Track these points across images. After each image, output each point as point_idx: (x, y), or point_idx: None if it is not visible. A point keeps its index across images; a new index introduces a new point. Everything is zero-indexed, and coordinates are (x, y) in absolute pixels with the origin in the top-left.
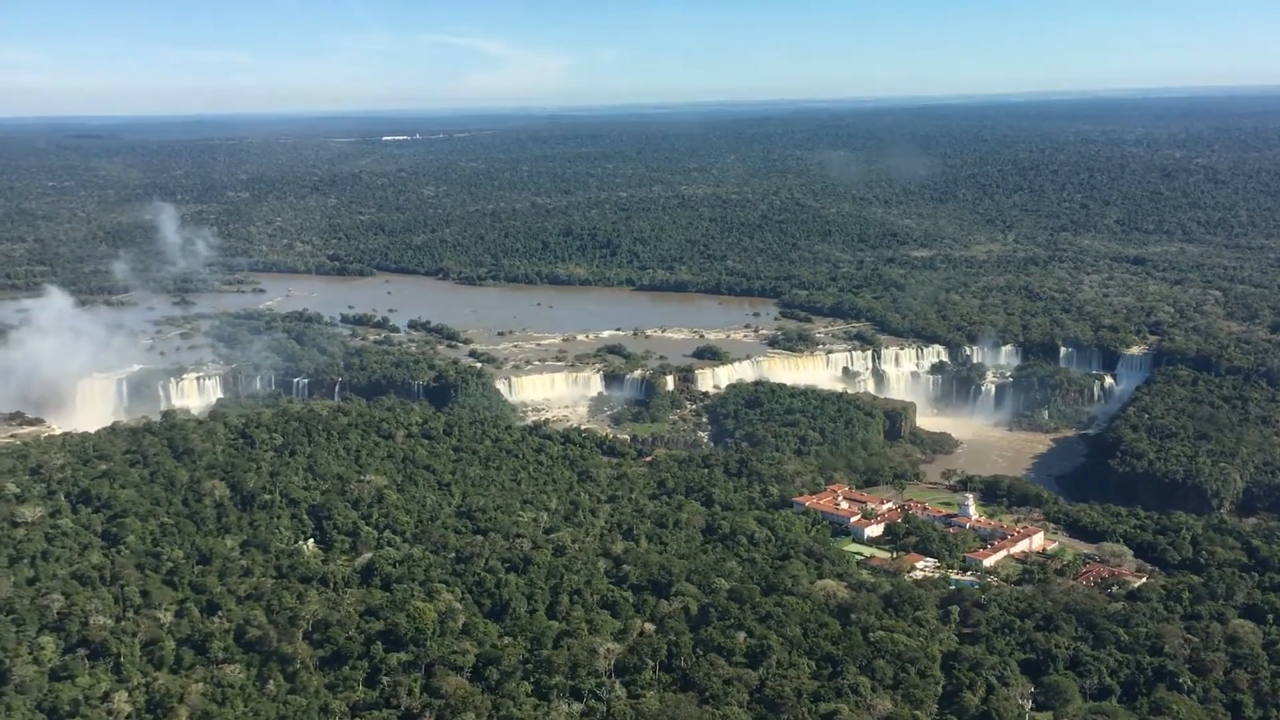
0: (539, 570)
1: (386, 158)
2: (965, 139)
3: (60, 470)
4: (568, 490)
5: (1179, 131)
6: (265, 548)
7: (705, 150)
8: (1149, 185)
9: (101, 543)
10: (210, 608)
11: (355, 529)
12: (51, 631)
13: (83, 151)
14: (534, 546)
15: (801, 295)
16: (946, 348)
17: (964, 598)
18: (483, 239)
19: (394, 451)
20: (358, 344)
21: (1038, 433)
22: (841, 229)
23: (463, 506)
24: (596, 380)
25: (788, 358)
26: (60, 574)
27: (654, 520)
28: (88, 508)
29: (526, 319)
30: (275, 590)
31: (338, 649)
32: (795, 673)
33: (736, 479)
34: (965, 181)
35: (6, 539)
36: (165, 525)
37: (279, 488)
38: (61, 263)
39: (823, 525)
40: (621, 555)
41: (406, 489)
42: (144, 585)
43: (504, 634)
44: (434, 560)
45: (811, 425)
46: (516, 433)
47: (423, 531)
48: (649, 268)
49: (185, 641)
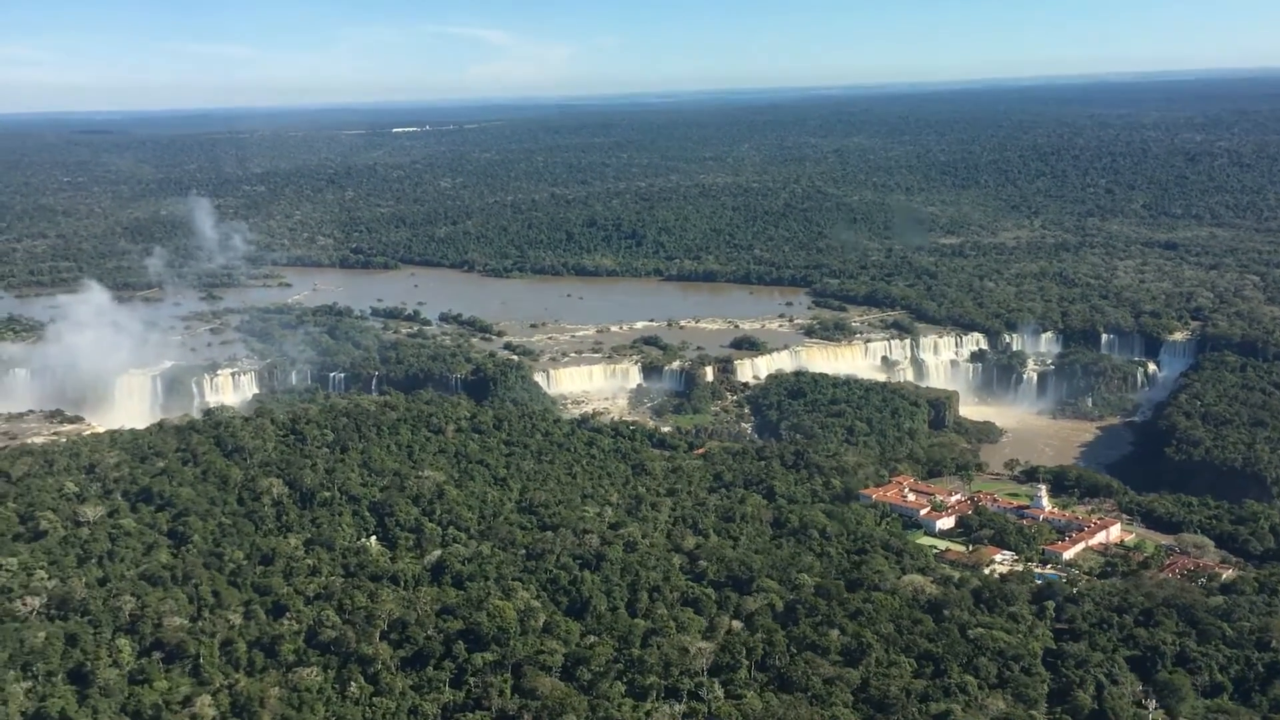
0: (613, 566)
1: (398, 150)
2: (980, 124)
3: (115, 469)
4: (624, 484)
5: (1195, 114)
6: (330, 546)
7: (719, 139)
8: (1174, 169)
9: (167, 542)
10: (277, 609)
11: (418, 526)
12: (126, 633)
13: (93, 147)
14: (604, 542)
15: (833, 284)
16: (985, 335)
17: (1055, 592)
18: (506, 230)
19: (445, 446)
20: (390, 337)
21: (1082, 421)
22: (866, 217)
23: (523, 502)
24: (635, 372)
25: (826, 347)
26: (129, 574)
27: (718, 514)
28: (148, 506)
29: (557, 310)
30: (345, 589)
31: (419, 649)
32: (897, 671)
33: (796, 471)
34: (986, 167)
35: (72, 539)
36: (224, 525)
37: (337, 485)
38: (84, 258)
39: (892, 518)
40: (694, 550)
41: (465, 484)
42: (214, 586)
43: (586, 632)
44: (504, 557)
45: (858, 415)
46: (565, 426)
47: (489, 528)
48: (676, 258)
49: (255, 643)
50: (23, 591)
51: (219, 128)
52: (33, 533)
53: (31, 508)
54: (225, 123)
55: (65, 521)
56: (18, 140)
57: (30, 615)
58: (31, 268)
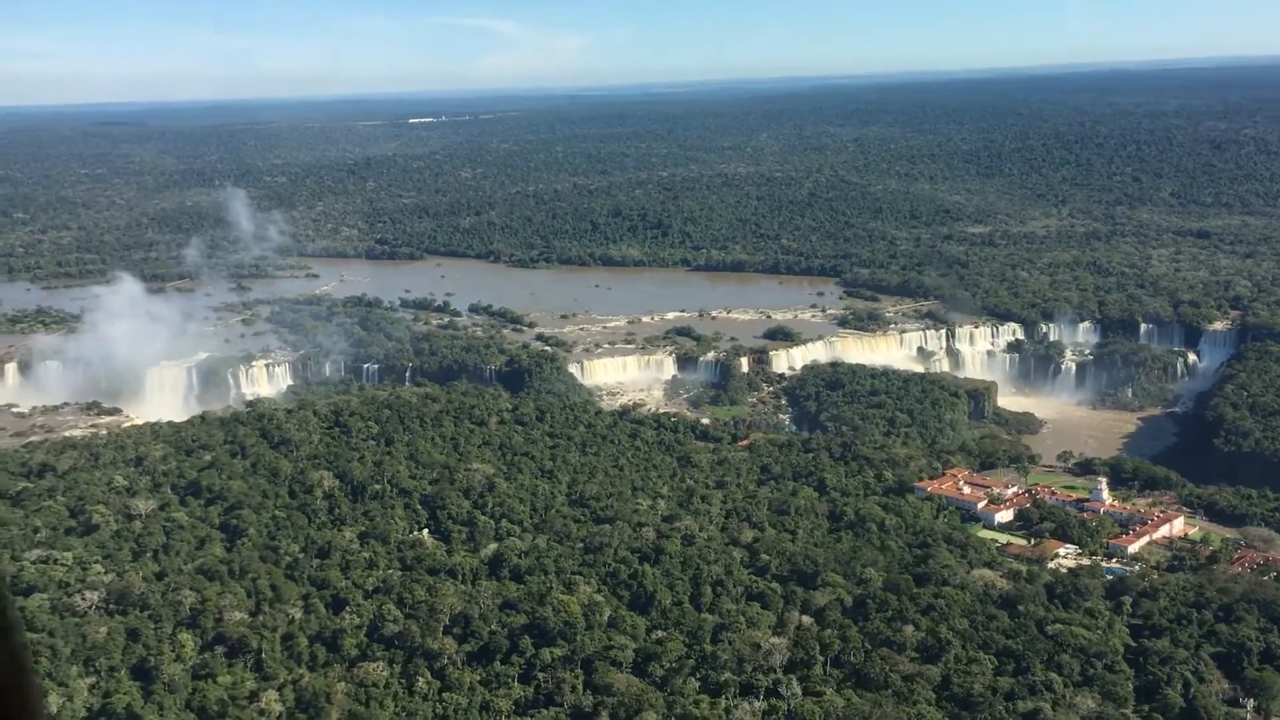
0: (672, 560)
1: (415, 140)
2: (997, 113)
3: (163, 462)
4: (671, 476)
5: (1215, 103)
6: (384, 539)
7: (736, 128)
8: (1200, 157)
9: (220, 536)
10: (337, 602)
11: (471, 519)
12: (187, 628)
13: (111, 138)
14: (660, 536)
15: (864, 274)
16: (1022, 325)
17: (1128, 587)
18: (530, 221)
19: (489, 438)
20: (422, 329)
21: (1123, 411)
22: (892, 206)
23: (573, 494)
24: (669, 363)
25: (861, 338)
26: (186, 568)
27: (770, 507)
28: (197, 500)
29: (587, 301)
30: (404, 583)
31: (484, 644)
32: (978, 668)
33: (845, 464)
34: (1010, 155)
35: (125, 532)
36: (278, 518)
37: (386, 477)
38: (109, 250)
39: (949, 512)
40: (753, 544)
41: (513, 477)
42: (271, 580)
43: (652, 627)
44: (561, 550)
45: (898, 407)
46: (608, 418)
47: (544, 521)
48: (702, 248)
49: (316, 638)
50: (80, 586)
51: (235, 119)
52: (85, 526)
53: (82, 501)
54: (241, 114)
55: (117, 515)
56: (34, 133)
57: (89, 610)
58: (58, 259)
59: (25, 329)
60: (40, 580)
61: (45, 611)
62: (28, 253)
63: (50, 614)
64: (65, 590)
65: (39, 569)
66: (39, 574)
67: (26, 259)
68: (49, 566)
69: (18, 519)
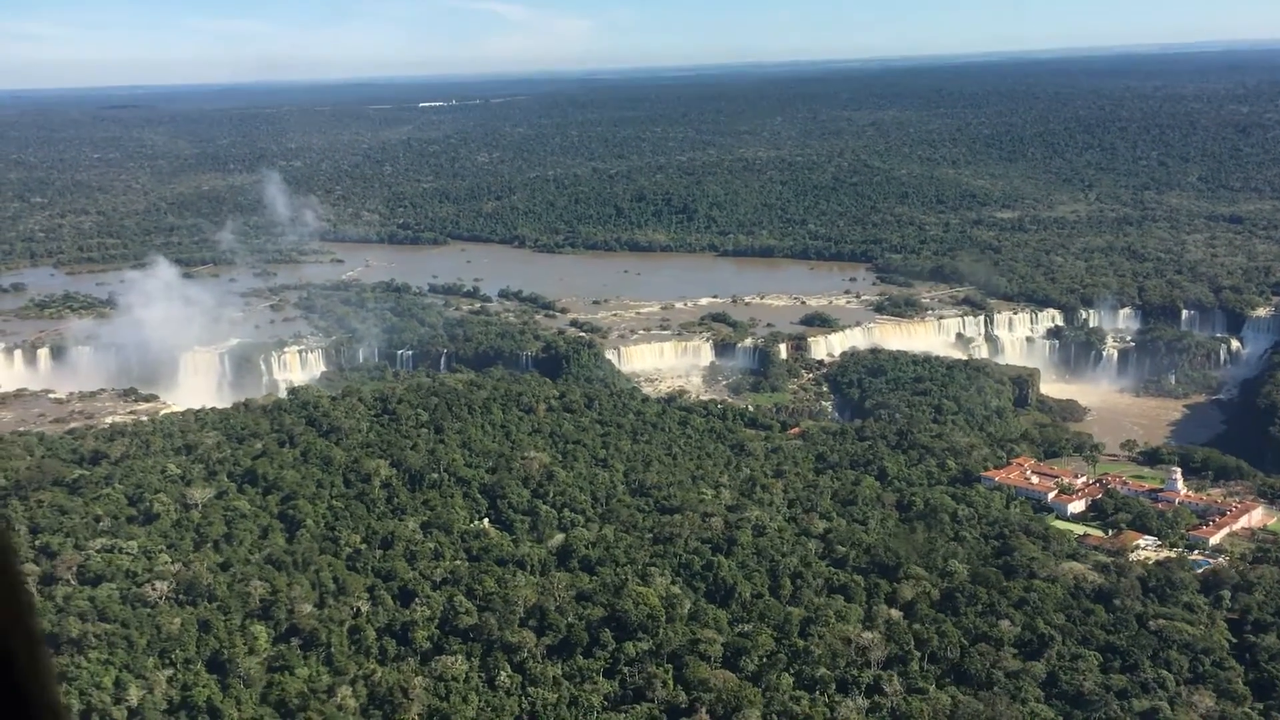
0: (745, 551)
1: (427, 124)
2: (1013, 96)
3: (216, 450)
4: (727, 465)
5: (1233, 86)
6: (447, 529)
7: (751, 112)
8: (1225, 142)
9: (279, 525)
10: (404, 594)
11: (533, 508)
12: (259, 619)
13: (122, 122)
14: (729, 526)
15: (896, 260)
16: (1061, 311)
17: (1222, 580)
18: (553, 205)
19: (539, 426)
20: (454, 315)
21: (1166, 399)
22: (918, 191)
23: (632, 483)
24: (707, 349)
25: (899, 324)
26: (253, 559)
27: (835, 497)
28: (253, 488)
29: (617, 286)
30: (473, 574)
31: (564, 637)
32: (1085, 665)
33: (904, 453)
34: (1031, 140)
35: (186, 521)
36: (335, 508)
37: (442, 466)
38: (129, 235)
39: (1021, 502)
40: (826, 535)
41: (570, 466)
42: (333, 571)
43: (734, 620)
44: (630, 541)
45: (944, 394)
46: (655, 405)
47: (609, 511)
48: (729, 232)
49: (385, 630)
50: (149, 576)
51: (244, 103)
52: (145, 515)
53: (140, 489)
54: (249, 98)
55: (176, 504)
56: (45, 116)
57: (159, 600)
58: (79, 244)
59: (54, 314)
60: (107, 570)
61: (116, 601)
62: (49, 237)
63: (121, 604)
64: (133, 580)
65: (105, 558)
66: (105, 563)
67: (48, 243)
68: (114, 556)
69: (78, 506)
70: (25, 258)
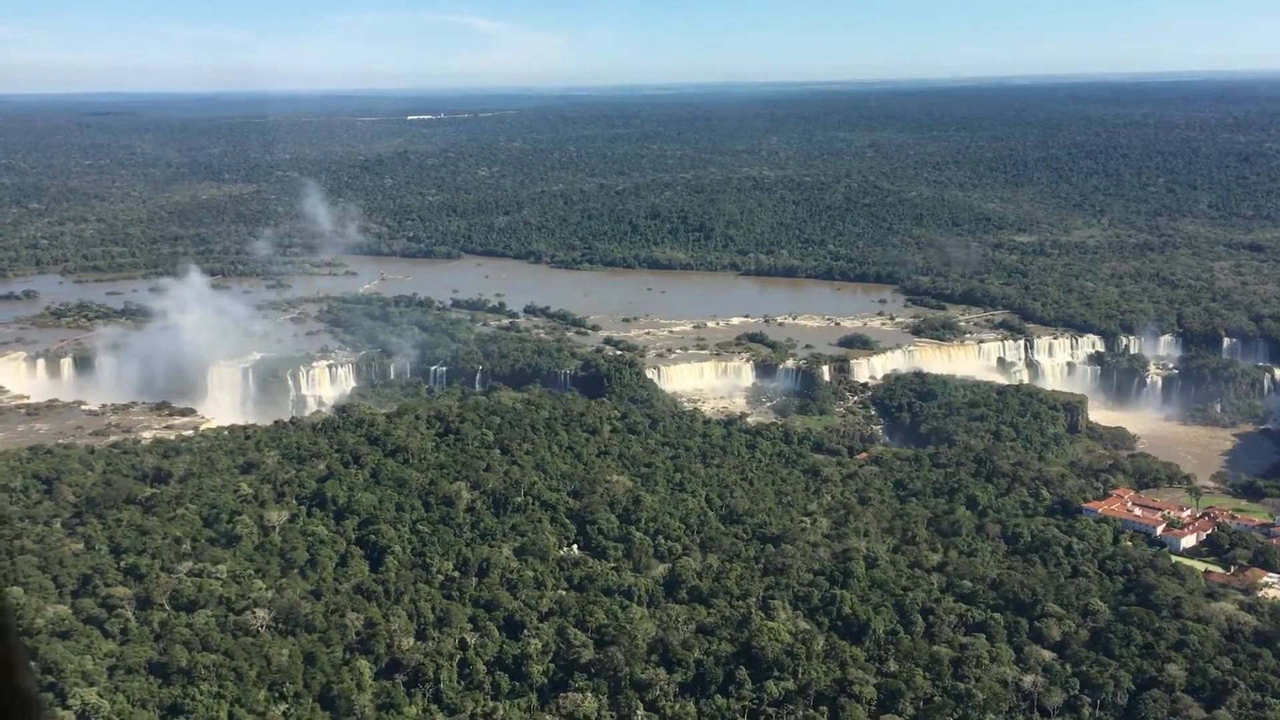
0: (861, 584)
1: (419, 137)
2: (1006, 121)
3: (280, 469)
4: (805, 489)
5: (1221, 115)
6: (543, 556)
7: (745, 131)
8: (1230, 170)
9: (359, 551)
10: (510, 625)
11: (625, 535)
12: (360, 653)
13: (107, 129)
14: (839, 557)
15: (924, 282)
16: (1102, 337)
17: None
18: (566, 221)
19: (606, 447)
20: (484, 331)
21: (1213, 427)
22: (932, 213)
23: (720, 509)
24: (747, 370)
25: (939, 347)
26: (342, 587)
27: (932, 526)
28: (322, 511)
29: (644, 304)
30: (581, 605)
31: (697, 673)
32: (1273, 716)
33: (991, 481)
34: (1035, 164)
35: (268, 545)
36: (421, 533)
37: (524, 489)
38: (134, 244)
39: (1131, 536)
40: (941, 568)
41: (652, 490)
42: (430, 600)
43: (871, 658)
44: (740, 570)
45: (1000, 419)
46: (718, 427)
47: (711, 539)
48: (748, 252)
49: (495, 664)
50: (245, 603)
51: (227, 112)
52: (225, 537)
53: (215, 510)
54: (231, 108)
55: (254, 528)
56: (28, 121)
57: (260, 629)
58: (84, 252)
59: (70, 323)
60: (200, 595)
61: (216, 629)
62: (52, 244)
63: (222, 632)
64: (229, 607)
65: (195, 582)
66: (197, 588)
67: (52, 251)
68: (205, 580)
69: (156, 527)
70: (31, 265)
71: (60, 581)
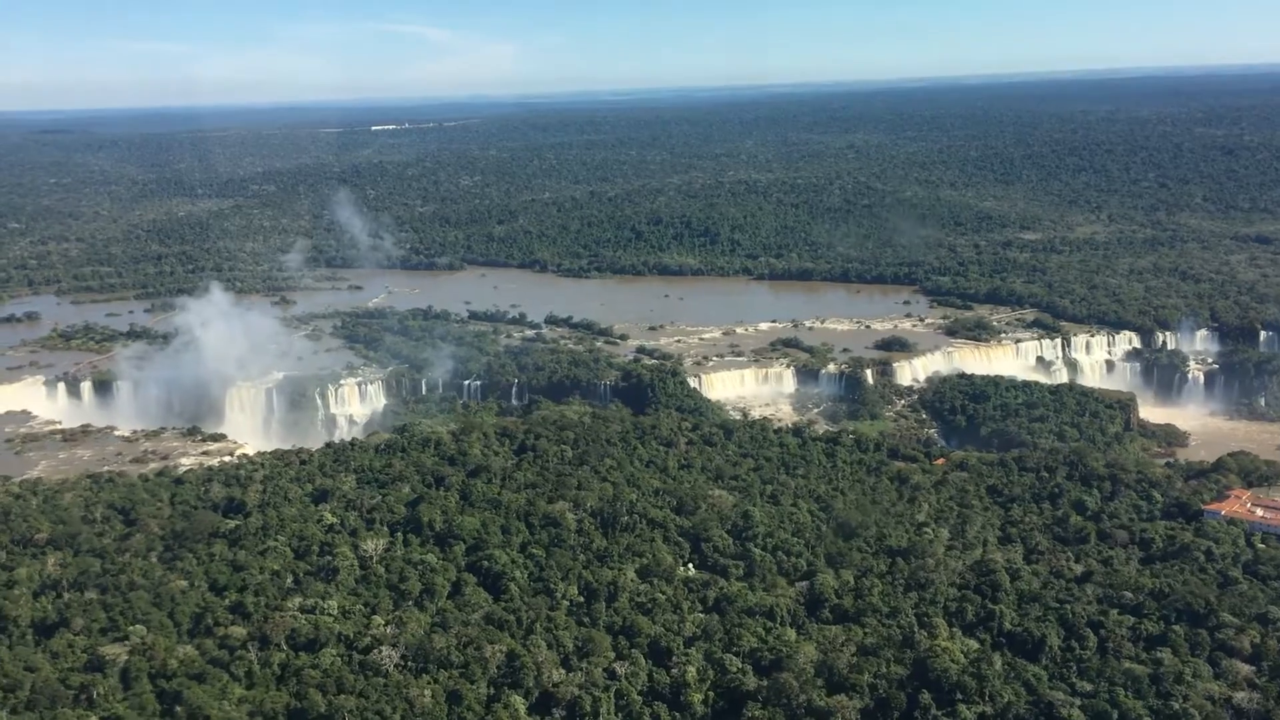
0: (1010, 596)
1: (388, 148)
2: (975, 120)
3: (361, 495)
4: (899, 498)
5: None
6: (668, 577)
7: (718, 136)
8: (1216, 164)
9: (472, 578)
10: (655, 652)
11: (745, 552)
12: (508, 687)
13: (62, 147)
14: (977, 569)
15: (944, 282)
16: (1138, 334)
17: None
18: (566, 229)
19: (688, 460)
20: (510, 343)
21: (1262, 422)
22: (933, 212)
23: (829, 521)
24: (789, 376)
25: (977, 347)
26: (472, 618)
27: (1047, 533)
28: (418, 537)
29: (664, 312)
30: (728, 629)
31: (879, 700)
32: None
33: (1089, 485)
34: (1022, 162)
35: (372, 577)
36: (535, 555)
37: (626, 507)
38: (120, 263)
39: (1263, 537)
40: (1087, 577)
41: (753, 503)
42: (569, 628)
43: (1055, 677)
44: (882, 587)
45: (1061, 420)
46: (791, 436)
47: (839, 554)
48: (757, 256)
49: (650, 694)
50: (369, 640)
51: (180, 127)
52: (323, 569)
53: (304, 541)
54: (184, 122)
55: (352, 558)
56: None
57: (391, 668)
58: (74, 272)
59: (79, 345)
60: (317, 633)
61: (346, 669)
62: (40, 265)
63: (354, 672)
64: (349, 644)
65: (309, 619)
66: (312, 625)
67: (42, 271)
68: (318, 617)
69: (251, 562)
70: (24, 285)
71: (176, 619)
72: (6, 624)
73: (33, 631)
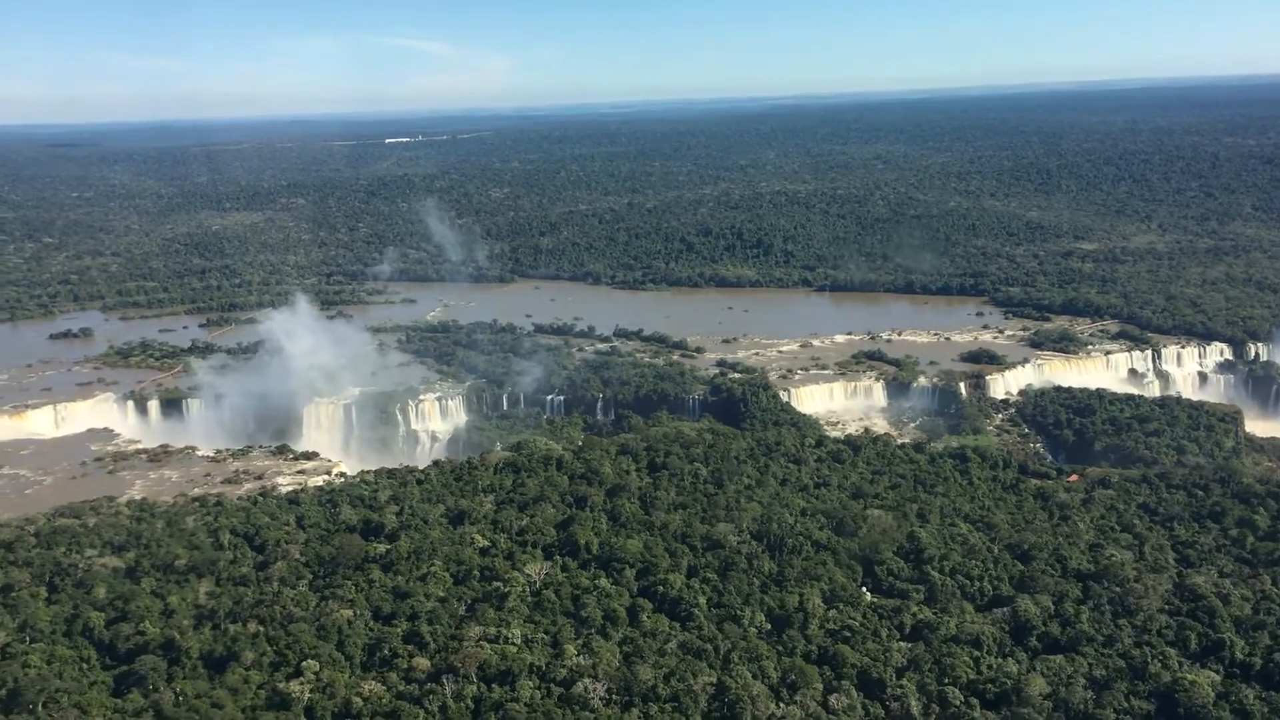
0: (1229, 624)
1: (406, 160)
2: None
3: (509, 517)
4: (1050, 518)
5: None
6: (854, 603)
7: (738, 147)
8: (1260, 173)
9: (648, 604)
10: (865, 683)
11: (923, 575)
12: None
13: (78, 161)
14: (1182, 594)
15: (1015, 292)
16: (1229, 344)
17: None
18: (614, 241)
19: (824, 478)
20: (586, 357)
21: None
22: (983, 223)
23: (999, 542)
24: (879, 389)
25: (1068, 360)
26: (667, 647)
27: (1225, 555)
28: (575, 560)
29: (733, 324)
30: (936, 659)
31: None
32: None
33: (1248, 502)
34: (1059, 173)
35: (547, 604)
36: (710, 580)
37: (789, 528)
38: (164, 278)
39: None
40: None
41: (910, 524)
42: (771, 657)
43: None
44: (1087, 614)
45: (1175, 434)
46: (918, 452)
47: (1028, 578)
48: (814, 267)
49: None
50: (565, 672)
51: (187, 140)
52: (490, 595)
53: (461, 566)
54: (189, 135)
55: (523, 583)
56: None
57: (600, 703)
58: (117, 288)
59: (138, 362)
60: (508, 663)
61: (551, 704)
62: (82, 280)
63: (559, 706)
64: (542, 676)
65: (494, 649)
66: (498, 655)
67: (84, 286)
68: (504, 646)
69: (415, 588)
70: (70, 300)
71: (347, 652)
72: (178, 655)
73: (202, 664)
